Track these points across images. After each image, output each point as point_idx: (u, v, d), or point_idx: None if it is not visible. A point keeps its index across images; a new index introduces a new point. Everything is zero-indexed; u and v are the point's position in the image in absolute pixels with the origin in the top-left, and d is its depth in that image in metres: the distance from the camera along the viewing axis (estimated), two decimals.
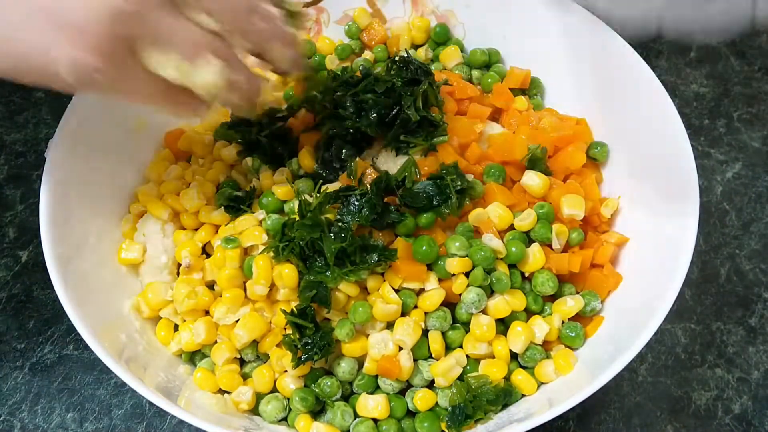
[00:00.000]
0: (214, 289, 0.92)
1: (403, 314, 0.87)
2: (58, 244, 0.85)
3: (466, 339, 0.88)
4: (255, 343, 0.89)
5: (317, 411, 0.88)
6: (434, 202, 0.89)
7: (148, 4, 0.68)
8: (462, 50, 1.12)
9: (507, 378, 0.87)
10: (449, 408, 0.84)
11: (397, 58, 0.98)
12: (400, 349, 0.86)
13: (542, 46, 1.07)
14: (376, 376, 0.87)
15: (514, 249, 0.89)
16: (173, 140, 1.04)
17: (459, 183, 0.89)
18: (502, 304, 0.87)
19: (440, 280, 0.88)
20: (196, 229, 0.95)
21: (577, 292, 0.93)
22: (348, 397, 0.89)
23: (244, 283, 0.90)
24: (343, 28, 1.14)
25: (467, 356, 0.87)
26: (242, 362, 0.92)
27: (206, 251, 0.95)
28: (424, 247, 0.86)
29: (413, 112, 0.92)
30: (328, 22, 1.14)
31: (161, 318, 0.93)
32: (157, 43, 0.69)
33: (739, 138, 1.22)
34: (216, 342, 0.90)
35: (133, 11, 0.66)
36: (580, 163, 0.97)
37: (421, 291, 0.88)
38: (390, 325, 0.87)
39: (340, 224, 0.86)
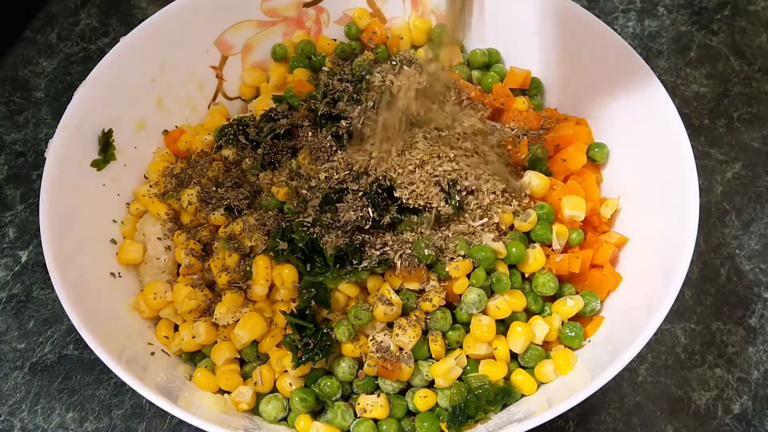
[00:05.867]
0: (214, 290, 0.92)
1: (404, 314, 0.87)
2: (58, 244, 0.85)
3: (466, 339, 0.88)
4: (255, 343, 0.90)
5: (317, 411, 0.89)
6: (434, 202, 0.89)
7: None
8: (462, 50, 1.12)
9: (507, 378, 0.87)
10: (449, 408, 0.84)
11: (397, 59, 0.99)
12: (401, 349, 0.86)
13: (542, 46, 1.07)
14: (376, 376, 0.87)
15: (514, 249, 0.89)
16: (173, 140, 1.04)
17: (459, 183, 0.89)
18: (503, 304, 0.87)
19: (441, 281, 0.88)
20: (196, 229, 0.95)
21: (577, 293, 0.93)
22: (348, 397, 0.89)
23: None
24: (343, 28, 1.14)
25: (467, 356, 0.87)
26: (242, 362, 0.92)
27: (206, 251, 0.95)
28: (423, 248, 0.86)
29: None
30: (328, 22, 1.14)
31: (161, 318, 0.93)
32: None
33: (739, 138, 1.22)
34: (216, 342, 0.90)
35: None
36: (581, 164, 0.97)
37: (422, 291, 0.88)
38: (390, 326, 0.87)
39: (339, 224, 0.86)
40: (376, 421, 0.86)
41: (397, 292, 0.87)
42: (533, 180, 0.94)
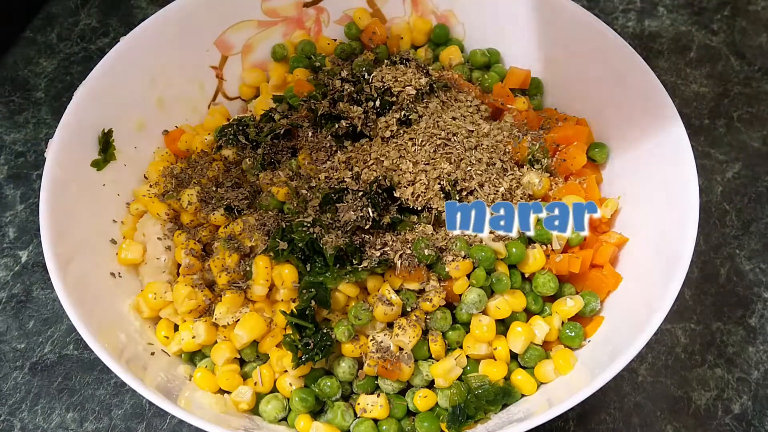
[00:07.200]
0: (214, 290, 0.92)
1: (404, 314, 0.87)
2: (58, 244, 0.86)
3: (466, 339, 0.88)
4: (255, 344, 0.90)
5: (317, 411, 0.89)
6: (434, 203, 0.89)
7: None
8: (462, 50, 1.12)
9: (507, 378, 0.87)
10: (449, 408, 0.84)
11: (397, 58, 0.98)
12: (401, 349, 0.86)
13: (542, 46, 1.07)
14: (376, 376, 0.87)
15: (514, 249, 0.89)
16: (173, 140, 1.04)
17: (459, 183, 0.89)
18: (503, 304, 0.87)
19: (441, 281, 0.88)
20: (196, 229, 0.95)
21: (577, 293, 0.93)
22: (348, 397, 0.89)
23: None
24: (343, 28, 1.14)
25: (467, 356, 0.87)
26: (242, 362, 0.92)
27: (206, 251, 0.95)
28: (423, 248, 0.86)
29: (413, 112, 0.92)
30: (328, 22, 1.14)
31: (161, 318, 0.93)
32: None
33: (739, 138, 1.22)
34: (216, 342, 0.90)
35: None
36: (581, 164, 0.97)
37: (422, 291, 0.88)
38: (390, 326, 0.87)
39: (339, 224, 0.86)
40: (376, 421, 0.86)
41: (397, 292, 0.87)
42: (533, 180, 0.94)
